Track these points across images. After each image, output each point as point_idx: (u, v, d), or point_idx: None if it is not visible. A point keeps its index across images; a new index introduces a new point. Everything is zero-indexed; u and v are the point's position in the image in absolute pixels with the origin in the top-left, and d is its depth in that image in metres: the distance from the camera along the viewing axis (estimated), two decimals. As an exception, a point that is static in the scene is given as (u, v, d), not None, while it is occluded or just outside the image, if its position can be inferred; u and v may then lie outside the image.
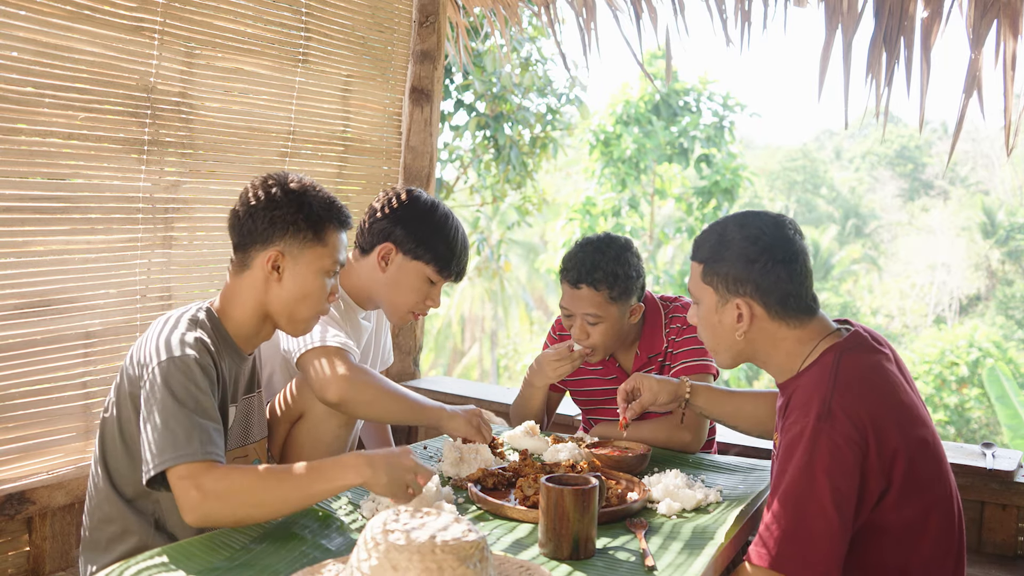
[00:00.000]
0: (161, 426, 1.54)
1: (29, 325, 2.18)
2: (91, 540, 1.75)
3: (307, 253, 1.75)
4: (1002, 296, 23.62)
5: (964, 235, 25.45)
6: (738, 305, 1.71)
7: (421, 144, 3.32)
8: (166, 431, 1.54)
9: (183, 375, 1.59)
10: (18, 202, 2.15)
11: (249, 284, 1.76)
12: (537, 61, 9.28)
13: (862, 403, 1.59)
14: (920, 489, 1.63)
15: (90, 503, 1.77)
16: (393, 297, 2.22)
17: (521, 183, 9.80)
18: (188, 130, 2.51)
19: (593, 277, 2.24)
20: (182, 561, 1.45)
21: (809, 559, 1.53)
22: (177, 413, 1.55)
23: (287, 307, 1.77)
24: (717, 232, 1.77)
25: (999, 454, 2.61)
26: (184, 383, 1.58)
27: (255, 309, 1.77)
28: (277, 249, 1.73)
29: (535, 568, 1.37)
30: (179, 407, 1.55)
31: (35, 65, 2.13)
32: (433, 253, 2.18)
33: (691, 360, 2.38)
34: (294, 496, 1.54)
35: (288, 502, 1.55)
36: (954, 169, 28.50)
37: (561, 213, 16.36)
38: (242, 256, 1.77)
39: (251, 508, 1.53)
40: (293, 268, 1.75)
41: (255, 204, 1.74)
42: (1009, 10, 2.53)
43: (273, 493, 1.53)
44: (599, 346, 2.32)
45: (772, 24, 3.10)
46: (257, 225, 1.73)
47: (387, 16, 3.17)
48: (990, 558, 2.54)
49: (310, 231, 1.75)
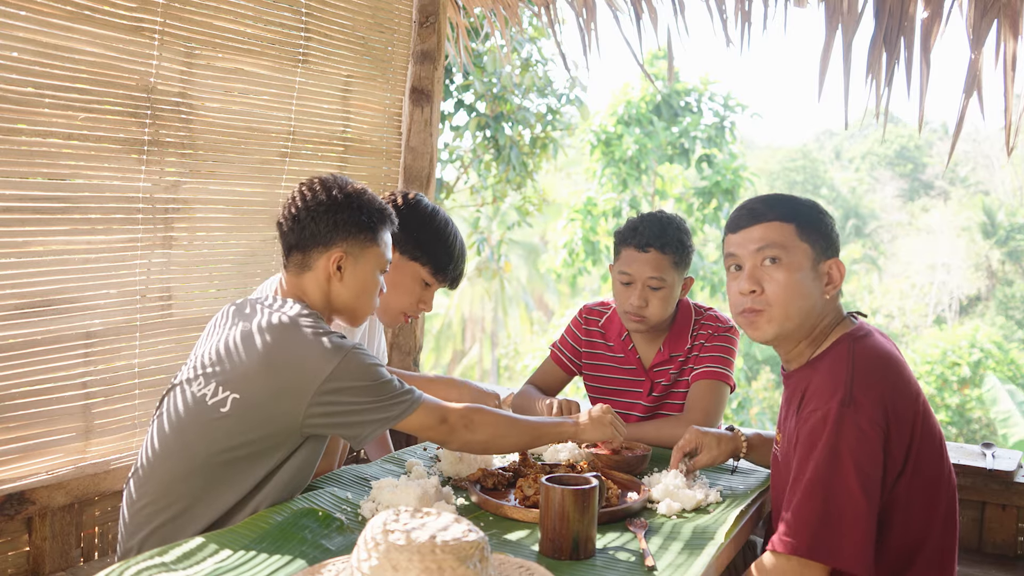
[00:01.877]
0: (375, 402, 1.71)
1: (29, 325, 2.18)
2: (149, 517, 1.73)
3: (367, 253, 1.85)
4: (1002, 296, 23.61)
5: (964, 235, 25.45)
6: (833, 265, 1.74)
7: (421, 144, 3.32)
8: (384, 398, 1.72)
9: (361, 360, 1.71)
10: (18, 202, 2.15)
11: (313, 284, 1.84)
12: (537, 61, 9.28)
13: (881, 387, 1.61)
14: (929, 471, 1.66)
15: (152, 483, 1.74)
16: (386, 297, 2.23)
17: (521, 183, 9.80)
18: (188, 130, 2.51)
19: (662, 241, 2.34)
20: (182, 561, 1.45)
21: (843, 545, 1.54)
22: (381, 385, 1.72)
23: (350, 303, 1.87)
24: (792, 196, 1.80)
25: (999, 454, 2.61)
26: (368, 362, 1.72)
27: (321, 307, 1.85)
28: (340, 250, 1.82)
29: (535, 568, 1.37)
30: (379, 382, 1.72)
31: (35, 65, 2.13)
32: (430, 255, 2.21)
33: (712, 366, 2.41)
34: (529, 433, 1.90)
35: (523, 436, 1.89)
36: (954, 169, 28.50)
37: (562, 213, 16.35)
38: (302, 257, 1.83)
39: (495, 440, 1.85)
40: (354, 267, 1.84)
41: (316, 207, 1.80)
42: (1009, 10, 2.53)
43: (510, 429, 1.87)
44: (655, 314, 2.38)
45: (772, 24, 3.10)
46: (320, 228, 1.81)
47: (387, 16, 3.17)
48: (990, 558, 2.53)
49: (369, 232, 1.84)
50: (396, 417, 1.73)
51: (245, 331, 1.74)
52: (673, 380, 2.48)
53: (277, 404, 1.67)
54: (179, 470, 1.71)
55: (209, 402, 1.70)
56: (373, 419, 1.71)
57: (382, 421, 1.72)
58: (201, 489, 1.69)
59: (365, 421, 1.70)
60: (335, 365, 1.67)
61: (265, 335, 1.71)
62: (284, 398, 1.67)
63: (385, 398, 1.72)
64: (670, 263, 2.35)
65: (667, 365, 2.48)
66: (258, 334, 1.72)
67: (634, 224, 2.40)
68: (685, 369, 2.46)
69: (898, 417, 1.60)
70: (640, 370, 2.51)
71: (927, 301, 25.19)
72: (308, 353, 1.68)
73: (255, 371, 1.68)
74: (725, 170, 14.54)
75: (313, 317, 1.76)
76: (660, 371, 2.50)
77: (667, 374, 2.48)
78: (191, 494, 1.69)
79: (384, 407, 1.71)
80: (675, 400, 2.50)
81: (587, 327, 2.63)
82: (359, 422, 1.70)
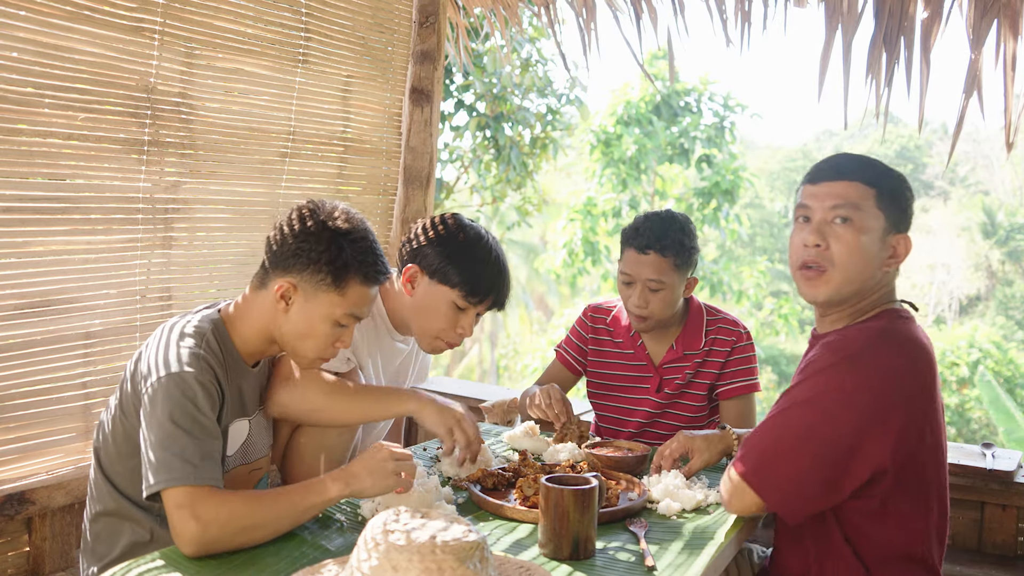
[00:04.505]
0: (157, 445, 1.52)
1: (29, 325, 2.18)
2: (92, 540, 1.75)
3: (321, 296, 1.70)
4: (1002, 296, 23.61)
5: (964, 235, 25.45)
6: (901, 240, 1.71)
7: (421, 144, 3.32)
8: (162, 451, 1.52)
9: (181, 394, 1.56)
10: (18, 202, 2.15)
11: (260, 304, 1.74)
12: (537, 61, 9.28)
13: (897, 361, 1.60)
14: (926, 477, 1.64)
15: (91, 503, 1.77)
16: (420, 322, 2.12)
17: (521, 183, 9.80)
18: (188, 130, 2.51)
19: (662, 244, 2.34)
20: (181, 562, 1.45)
21: (777, 483, 1.60)
22: (173, 433, 1.52)
23: (289, 342, 1.74)
24: (881, 163, 1.75)
25: (999, 454, 2.61)
26: (182, 402, 1.55)
27: (261, 330, 1.75)
28: (291, 281, 1.69)
29: (535, 568, 1.37)
30: (175, 427, 1.53)
31: (35, 65, 2.13)
32: (458, 277, 2.05)
33: (746, 379, 2.47)
34: (288, 514, 1.56)
35: (282, 520, 1.55)
36: (954, 169, 28.50)
37: (561, 213, 16.34)
38: (263, 275, 1.74)
39: (251, 532, 1.51)
40: (303, 305, 1.70)
41: (290, 230, 1.70)
42: (1009, 10, 2.53)
43: (268, 514, 1.53)
44: (655, 314, 2.39)
45: (772, 24, 3.10)
46: (284, 251, 1.70)
47: (387, 16, 3.17)
48: (990, 558, 2.53)
49: (330, 275, 1.68)
50: (157, 482, 1.50)
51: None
52: (688, 381, 2.48)
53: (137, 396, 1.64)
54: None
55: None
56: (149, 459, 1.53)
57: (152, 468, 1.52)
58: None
59: (147, 455, 1.53)
60: (161, 375, 1.57)
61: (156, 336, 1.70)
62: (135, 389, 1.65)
63: (168, 448, 1.51)
64: (670, 265, 2.35)
65: (681, 363, 2.48)
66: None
67: (636, 224, 2.41)
68: (703, 373, 2.47)
69: (894, 403, 1.57)
70: (649, 366, 2.51)
71: (927, 301, 25.19)
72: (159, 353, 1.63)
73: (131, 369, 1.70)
74: (725, 170, 14.53)
75: (201, 336, 1.65)
76: (672, 368, 2.49)
77: (682, 373, 2.48)
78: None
79: (165, 457, 1.51)
80: (687, 402, 2.49)
81: (593, 325, 2.64)
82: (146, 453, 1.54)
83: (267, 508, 1.53)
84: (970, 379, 16.10)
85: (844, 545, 1.68)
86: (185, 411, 1.55)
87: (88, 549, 1.76)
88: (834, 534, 1.68)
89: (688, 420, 2.48)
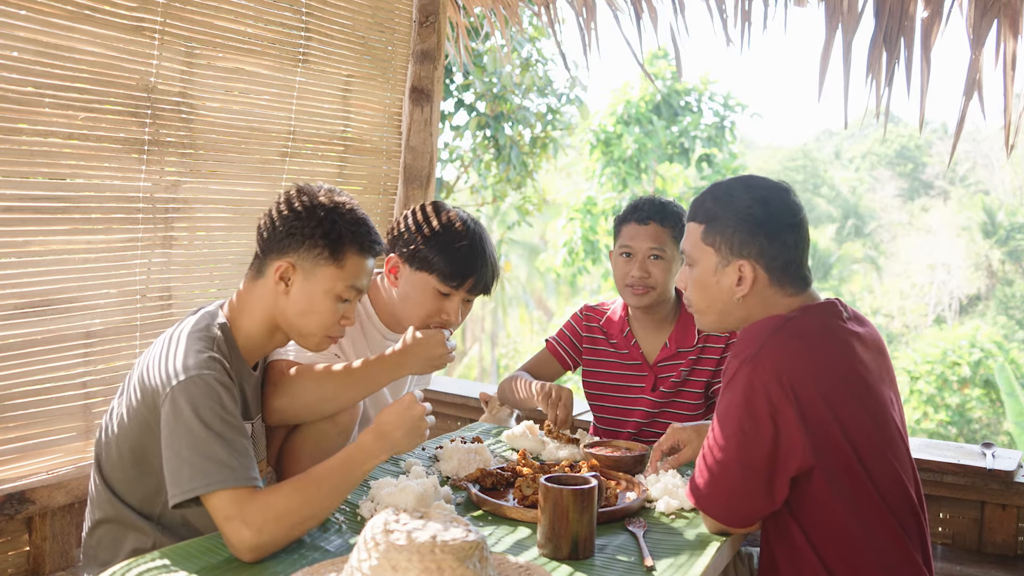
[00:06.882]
0: (188, 450, 1.50)
1: (29, 325, 2.18)
2: (95, 547, 1.74)
3: (320, 271, 1.69)
4: (1002, 296, 23.62)
5: (964, 235, 25.45)
6: (741, 268, 1.69)
7: (421, 144, 3.32)
8: (195, 456, 1.49)
9: (205, 396, 1.53)
10: (18, 202, 2.15)
11: (260, 293, 1.72)
12: (537, 61, 9.29)
13: (791, 359, 1.58)
14: (865, 478, 1.59)
15: (92, 510, 1.76)
16: (407, 312, 2.10)
17: (521, 183, 9.81)
18: (188, 130, 2.51)
19: (662, 215, 2.43)
20: (182, 562, 1.45)
21: (717, 501, 1.63)
22: (204, 436, 1.50)
23: (294, 322, 1.72)
24: (722, 192, 1.73)
25: (999, 454, 2.61)
26: (208, 404, 1.53)
27: (264, 319, 1.73)
28: (289, 261, 1.69)
29: (535, 568, 1.38)
30: (205, 430, 1.50)
31: (35, 65, 2.13)
32: (435, 261, 2.04)
33: None
34: (336, 494, 1.56)
35: (333, 501, 1.56)
36: (954, 169, 28.51)
37: (561, 213, 16.36)
38: (259, 263, 1.74)
39: (305, 523, 1.51)
40: (303, 283, 1.69)
41: (279, 214, 1.70)
42: (1009, 10, 2.53)
43: (317, 501, 1.53)
44: (658, 283, 2.42)
45: (772, 24, 3.10)
46: (277, 234, 1.69)
47: (387, 16, 3.17)
48: (990, 558, 2.54)
49: (327, 249, 1.68)
50: (193, 488, 1.48)
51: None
52: (683, 378, 2.47)
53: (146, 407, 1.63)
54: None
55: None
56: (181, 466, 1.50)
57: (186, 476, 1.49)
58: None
59: (175, 463, 1.51)
60: (181, 380, 1.54)
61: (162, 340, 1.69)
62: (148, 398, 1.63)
63: (201, 452, 1.49)
64: (670, 236, 2.42)
65: (676, 360, 2.48)
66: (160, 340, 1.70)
67: (634, 203, 2.50)
68: (698, 371, 2.46)
69: (804, 397, 1.55)
70: (644, 365, 2.51)
71: (927, 301, 25.20)
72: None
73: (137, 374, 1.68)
74: (725, 170, 14.56)
75: (211, 339, 1.63)
76: (666, 366, 2.49)
77: (677, 370, 2.48)
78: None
79: (198, 461, 1.49)
80: (685, 400, 2.48)
81: (587, 323, 2.64)
82: (171, 460, 1.52)
83: (314, 495, 1.53)
84: (972, 378, 16.10)
85: (810, 551, 1.62)
86: (213, 412, 1.53)
87: (91, 556, 1.75)
88: (797, 536, 1.64)
89: (686, 419, 2.47)
